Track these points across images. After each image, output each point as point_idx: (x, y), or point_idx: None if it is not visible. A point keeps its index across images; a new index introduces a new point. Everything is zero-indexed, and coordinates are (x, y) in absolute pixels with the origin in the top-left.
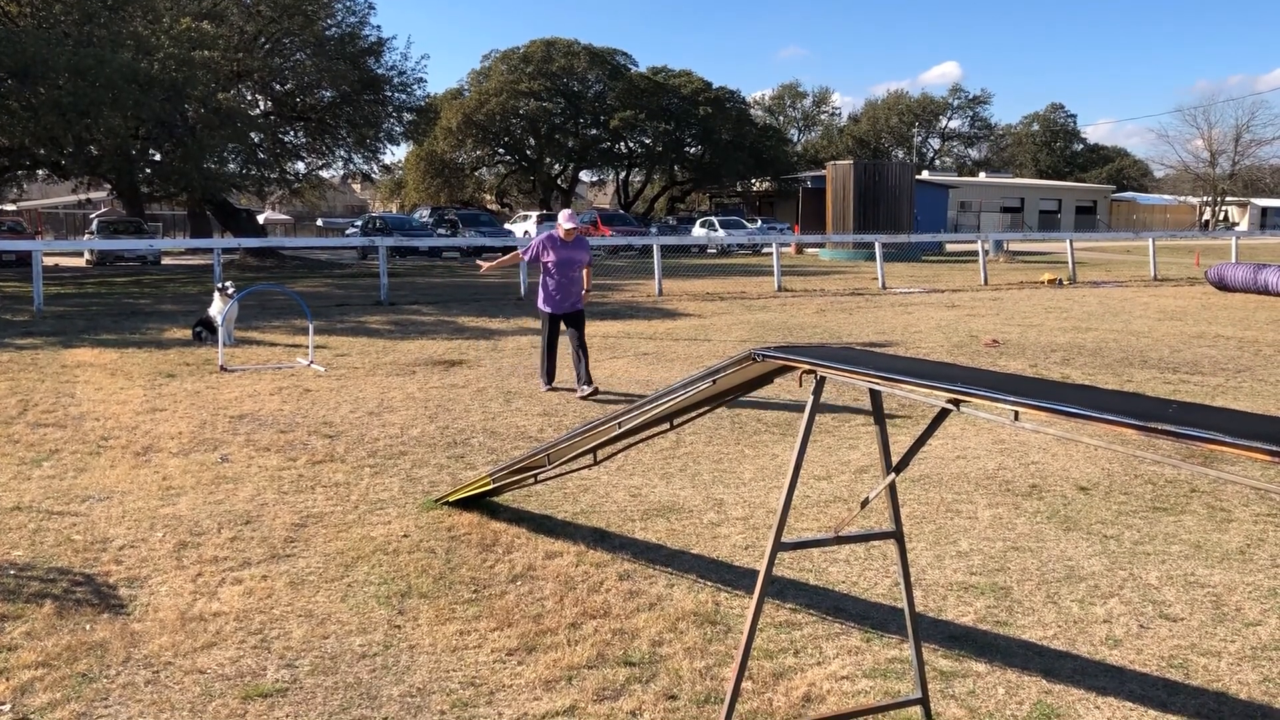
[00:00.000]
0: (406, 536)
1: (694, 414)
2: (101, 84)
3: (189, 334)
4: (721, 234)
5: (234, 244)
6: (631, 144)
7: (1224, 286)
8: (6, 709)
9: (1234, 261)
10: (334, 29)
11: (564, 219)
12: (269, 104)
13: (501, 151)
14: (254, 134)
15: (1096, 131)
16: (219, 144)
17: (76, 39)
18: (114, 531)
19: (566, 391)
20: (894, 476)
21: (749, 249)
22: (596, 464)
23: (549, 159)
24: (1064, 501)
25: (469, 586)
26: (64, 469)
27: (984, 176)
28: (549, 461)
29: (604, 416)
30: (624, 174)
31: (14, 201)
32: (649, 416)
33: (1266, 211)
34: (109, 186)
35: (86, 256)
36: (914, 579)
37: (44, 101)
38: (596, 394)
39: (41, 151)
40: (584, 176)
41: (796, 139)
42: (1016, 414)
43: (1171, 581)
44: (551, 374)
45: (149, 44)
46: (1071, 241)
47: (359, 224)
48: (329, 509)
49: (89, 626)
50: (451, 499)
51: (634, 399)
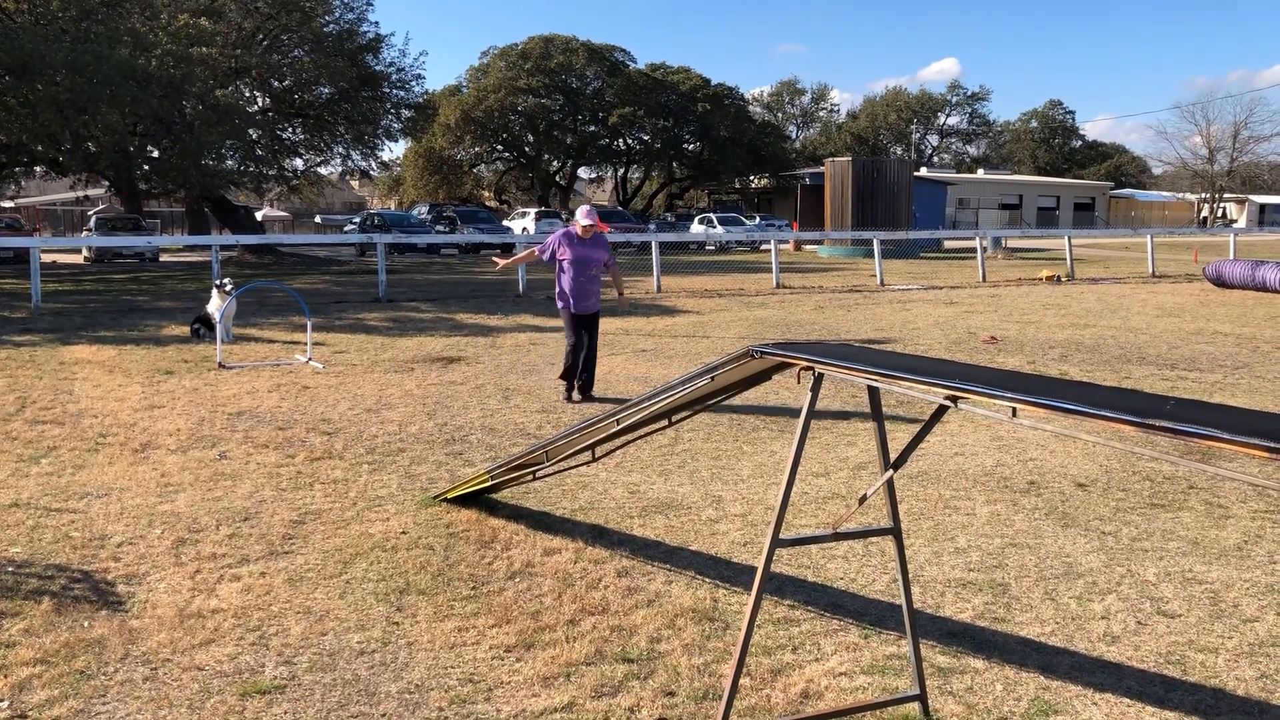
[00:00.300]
0: (405, 533)
1: (692, 411)
2: (99, 80)
3: (187, 331)
4: (720, 231)
5: (232, 241)
6: (630, 141)
7: (1222, 283)
8: (4, 706)
9: (1232, 258)
10: (332, 25)
11: (582, 215)
12: (267, 100)
13: (500, 148)
14: (252, 131)
15: (1095, 128)
16: (217, 141)
17: (74, 35)
18: (112, 528)
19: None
20: (892, 473)
21: (747, 246)
22: (595, 461)
23: (547, 156)
24: (1062, 498)
25: (467, 583)
26: (62, 466)
27: (982, 173)
28: (547, 458)
29: (602, 413)
30: (622, 171)
31: (12, 198)
32: (647, 413)
33: (1265, 208)
34: (107, 183)
35: (84, 253)
36: (912, 575)
37: (42, 98)
38: (583, 401)
39: (39, 148)
40: (582, 173)
41: (795, 136)
42: (1014, 410)
43: (1169, 578)
44: (573, 373)
45: (147, 40)
46: (1070, 238)
47: (357, 221)
48: (327, 506)
49: (87, 623)
50: (450, 496)
51: (629, 398)
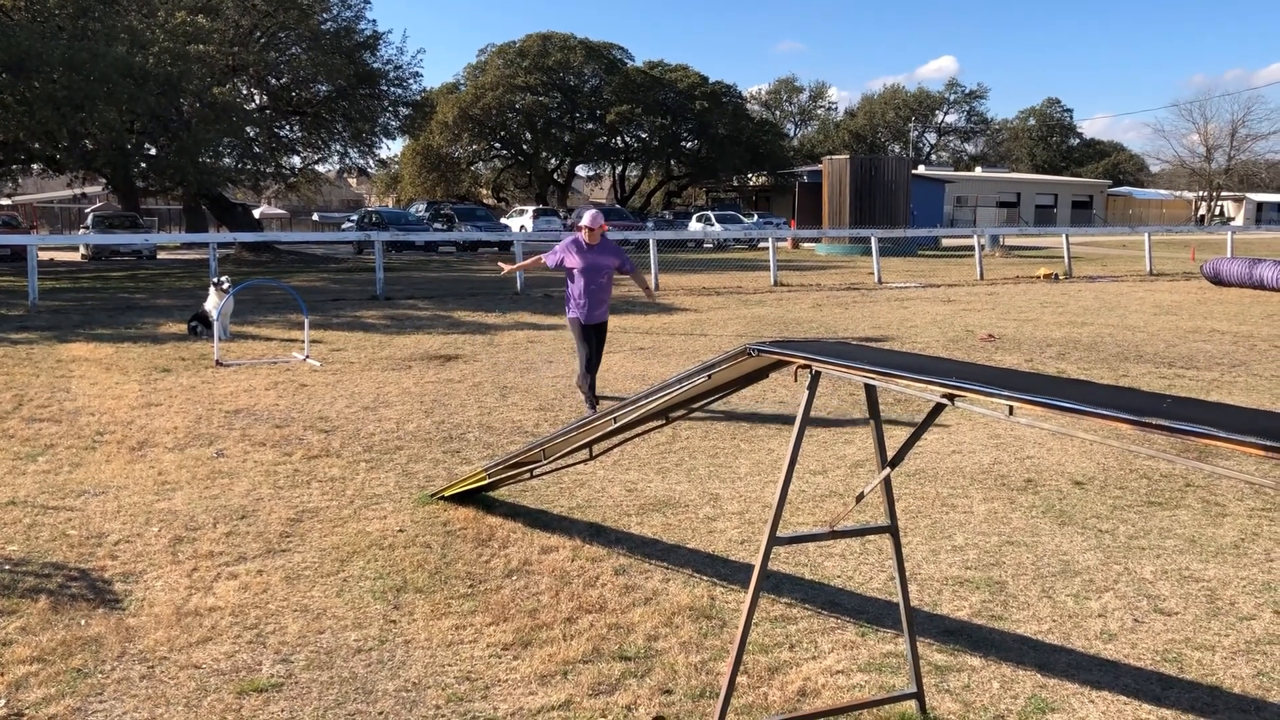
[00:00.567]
0: (402, 531)
1: (689, 409)
2: (96, 78)
3: (184, 329)
4: (718, 229)
5: (229, 239)
6: (628, 138)
7: (1219, 281)
8: (1, 704)
9: (1229, 256)
10: (330, 23)
11: (587, 219)
12: (264, 98)
13: (498, 146)
14: (249, 128)
15: (1093, 126)
16: (214, 138)
17: (71, 33)
18: (109, 526)
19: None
20: (889, 471)
21: (745, 244)
22: (592, 459)
23: (545, 153)
24: (1059, 496)
25: (464, 581)
26: (59, 464)
27: (980, 171)
28: (544, 456)
29: (599, 411)
30: (620, 169)
31: (9, 196)
32: (644, 411)
33: (1262, 206)
34: (104, 181)
35: (82, 251)
36: (909, 573)
37: (39, 96)
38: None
39: (36, 146)
40: (580, 171)
41: (793, 134)
42: (1011, 409)
43: (1166, 576)
44: (593, 390)
45: (144, 38)
46: (1067, 236)
47: (355, 219)
48: (324, 504)
49: (84, 622)
50: (447, 494)
51: (625, 396)
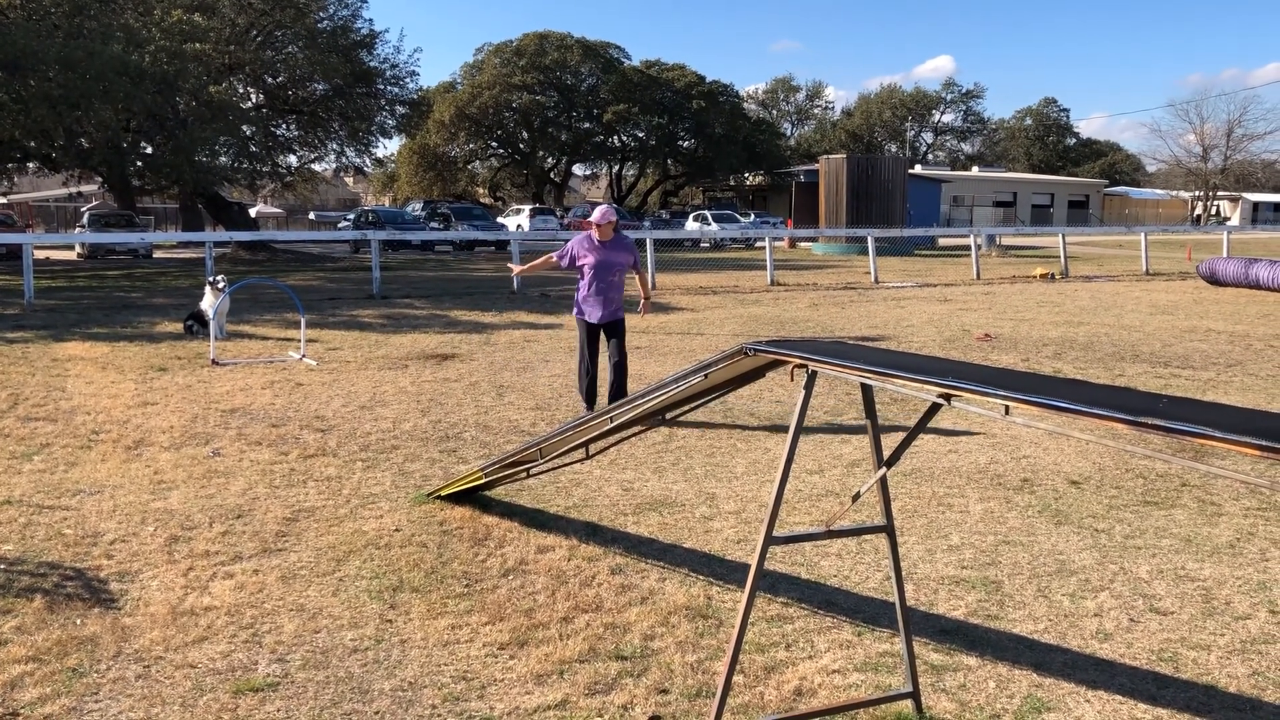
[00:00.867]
0: (398, 531)
1: (686, 408)
2: (92, 76)
3: (180, 328)
4: (714, 228)
5: (226, 237)
6: (625, 138)
7: (1215, 281)
8: None
9: (1225, 256)
10: (326, 22)
11: (598, 215)
12: (261, 97)
13: (494, 145)
14: (246, 127)
15: (1089, 126)
16: (210, 137)
17: (67, 31)
18: (105, 526)
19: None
20: (885, 470)
21: (742, 243)
22: (589, 458)
23: (542, 152)
24: (1055, 495)
25: (461, 581)
26: (55, 463)
27: (977, 171)
28: (541, 456)
29: (596, 410)
30: (617, 168)
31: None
32: (641, 411)
33: (1258, 206)
34: (100, 179)
35: (77, 250)
36: (905, 573)
37: (34, 94)
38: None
39: (32, 144)
40: (577, 170)
41: (790, 133)
42: (1008, 408)
43: (1162, 575)
44: (592, 395)
45: (140, 36)
46: (1064, 236)
47: (351, 218)
48: (321, 503)
49: (79, 621)
50: (443, 493)
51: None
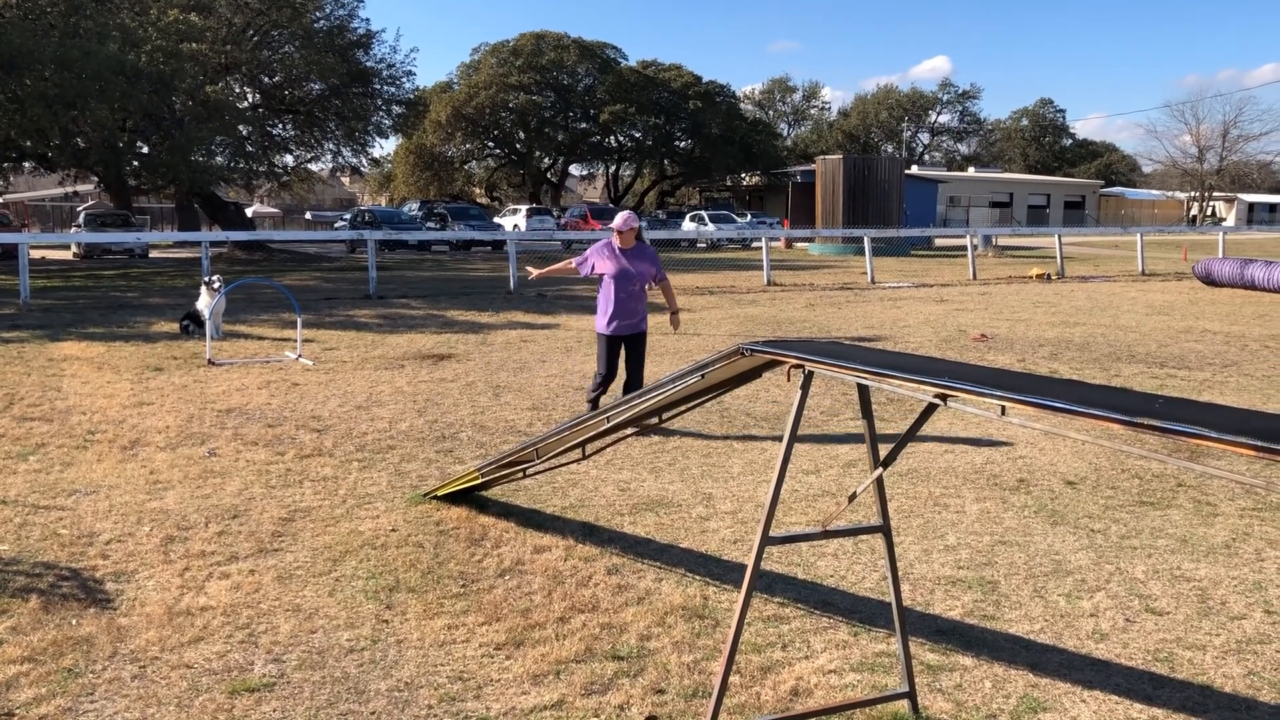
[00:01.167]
0: (394, 531)
1: (683, 408)
2: (88, 76)
3: (176, 328)
4: (711, 228)
5: (222, 237)
6: (621, 138)
7: (1211, 281)
8: None
9: (1221, 256)
10: (323, 21)
11: (619, 222)
12: (257, 97)
13: (491, 145)
14: (242, 127)
15: (1085, 127)
16: (207, 136)
17: (63, 30)
18: (100, 526)
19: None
20: (881, 471)
21: (738, 243)
22: (585, 458)
23: (538, 152)
24: (1051, 496)
25: (457, 581)
26: (50, 463)
27: (973, 171)
28: (537, 456)
29: (592, 410)
30: (614, 168)
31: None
32: (637, 411)
33: (1253, 207)
34: (96, 179)
35: (73, 249)
36: (902, 573)
37: (30, 93)
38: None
39: (28, 144)
40: (574, 170)
41: (786, 133)
42: (1004, 409)
43: (1158, 575)
44: (596, 403)
45: (136, 36)
46: (1060, 236)
47: (347, 217)
48: (317, 503)
49: (75, 621)
50: (440, 493)
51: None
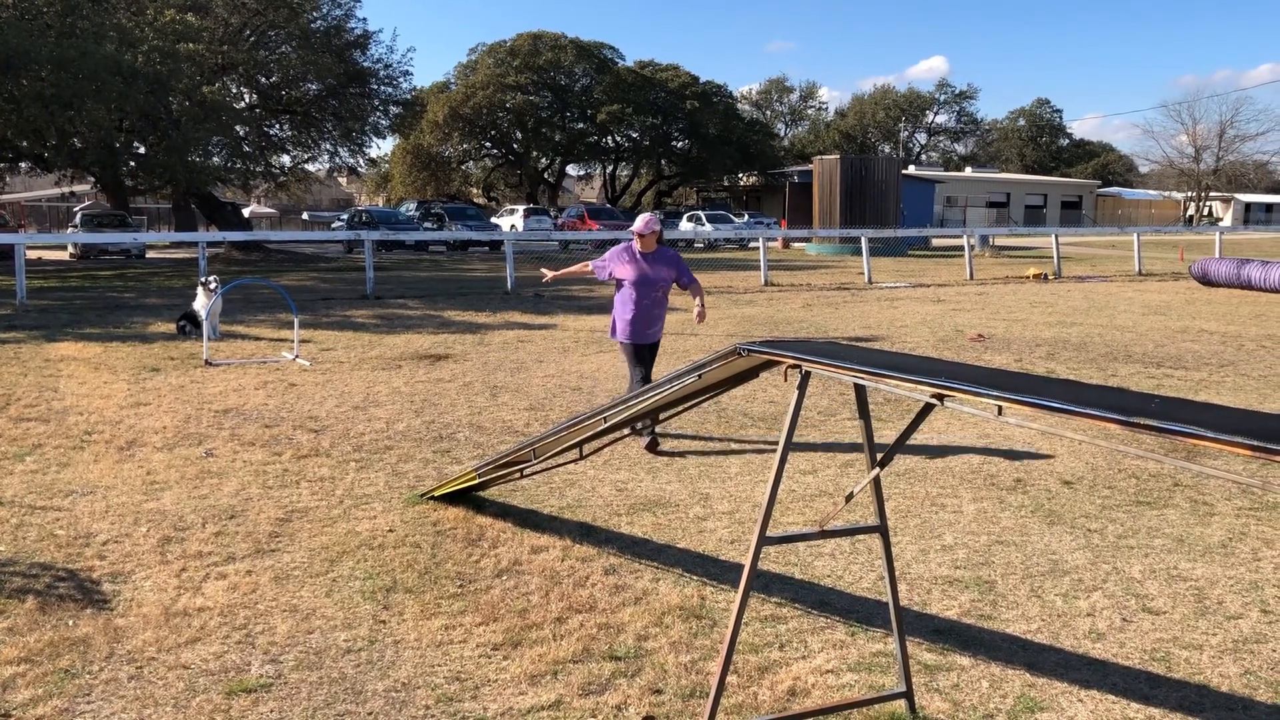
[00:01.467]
0: (392, 531)
1: (680, 409)
2: (85, 76)
3: (173, 328)
4: (708, 228)
5: (219, 238)
6: (618, 138)
7: (1208, 281)
8: None
9: (1218, 256)
10: (319, 22)
11: (640, 225)
12: (254, 97)
13: (488, 145)
14: (239, 127)
15: (1082, 127)
16: (203, 137)
17: (59, 30)
18: (97, 526)
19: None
20: (879, 471)
21: (735, 243)
22: (582, 459)
23: (536, 153)
24: (1048, 495)
25: (454, 581)
26: (47, 463)
27: (970, 171)
28: (534, 456)
29: (590, 411)
30: (611, 168)
31: None
32: (635, 411)
33: (1250, 207)
34: (93, 179)
35: (70, 250)
36: (899, 573)
37: (27, 93)
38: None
39: (24, 144)
40: (571, 170)
41: (784, 133)
42: (1000, 409)
43: (1154, 575)
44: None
45: (133, 36)
46: (1057, 236)
47: (345, 217)
48: (314, 504)
49: (72, 622)
50: (437, 494)
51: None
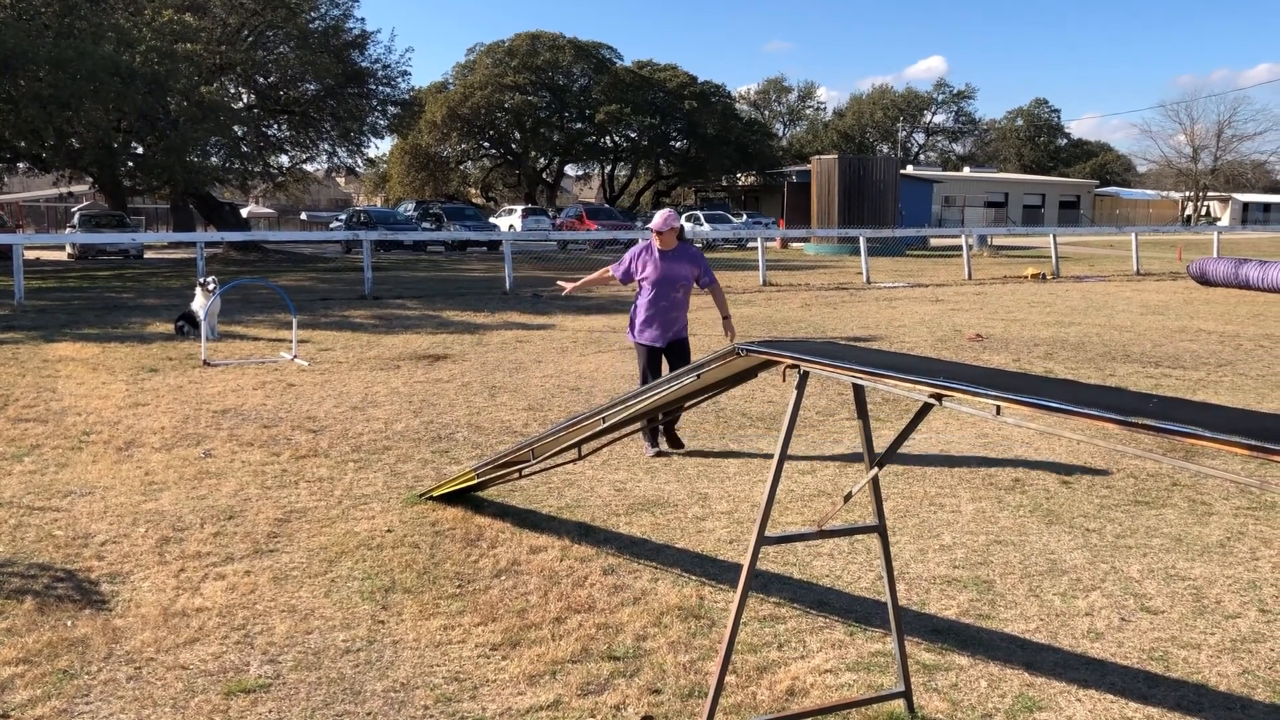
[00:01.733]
0: (390, 531)
1: (679, 409)
2: (83, 76)
3: (171, 328)
4: (707, 228)
5: (217, 238)
6: (617, 138)
7: (1205, 281)
8: None
9: (1215, 256)
10: (317, 22)
11: (658, 222)
12: (252, 97)
13: (486, 145)
14: (237, 127)
15: (1080, 126)
16: (202, 137)
17: (57, 31)
18: (96, 527)
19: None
20: (877, 470)
21: (734, 243)
22: (581, 459)
23: (534, 153)
24: (1046, 495)
25: (453, 581)
26: (45, 464)
27: (968, 171)
28: (533, 456)
29: (588, 411)
30: (609, 168)
31: None
32: (633, 411)
33: (1248, 206)
34: (91, 180)
35: (68, 250)
36: (897, 573)
37: (24, 94)
38: (677, 451)
39: (22, 144)
40: (569, 170)
41: (782, 133)
42: (999, 408)
43: (1152, 574)
44: (655, 431)
45: (130, 36)
46: (1055, 236)
47: (343, 218)
48: (312, 504)
49: (70, 623)
50: (436, 494)
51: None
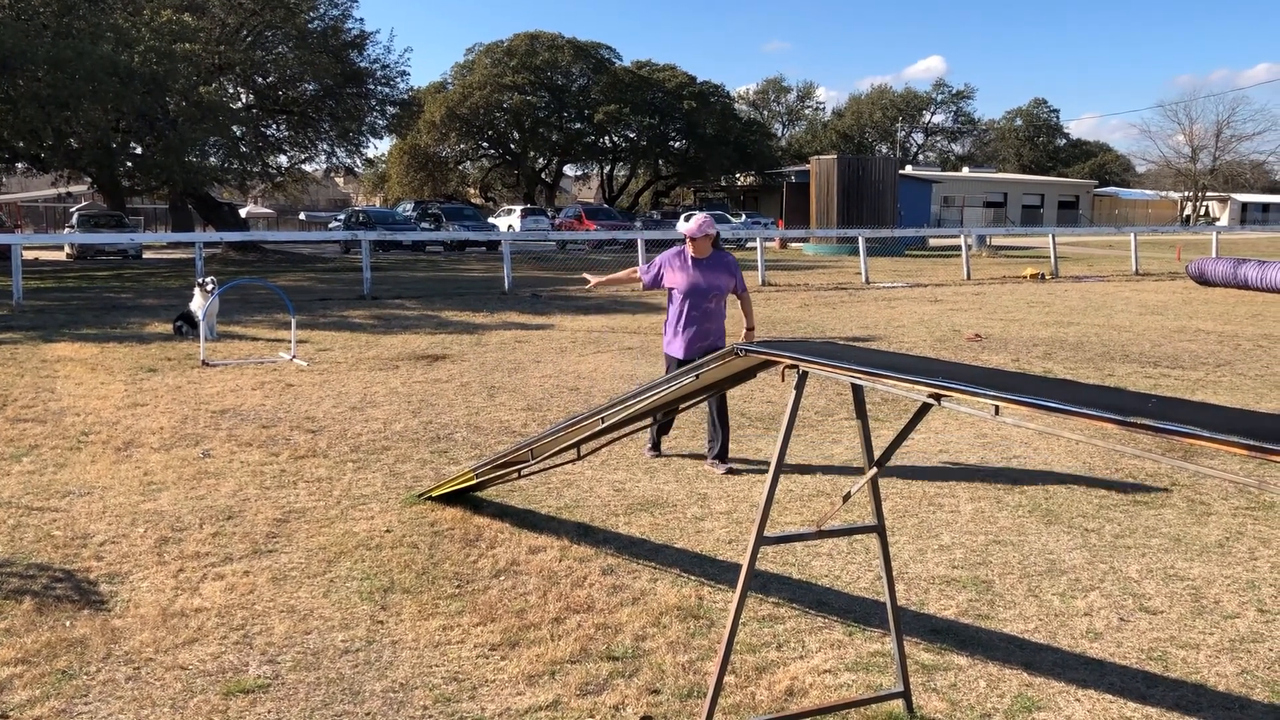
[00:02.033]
0: (389, 532)
1: (678, 409)
2: (81, 76)
3: (170, 329)
4: None
5: (216, 238)
6: (616, 138)
7: (1204, 281)
8: None
9: (1214, 256)
10: (316, 22)
11: (693, 227)
12: (251, 97)
13: (485, 145)
14: (236, 127)
15: (1079, 127)
16: (200, 137)
17: (56, 31)
18: (94, 527)
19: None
20: (876, 471)
21: (733, 244)
22: (580, 459)
23: (533, 153)
24: (1045, 495)
25: (452, 581)
26: (44, 464)
27: (967, 171)
28: (532, 456)
29: (587, 411)
30: (608, 168)
31: None
32: (632, 411)
33: (1247, 207)
34: (89, 180)
35: (67, 250)
36: (896, 573)
37: (23, 94)
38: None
39: (21, 144)
40: (568, 170)
41: (781, 133)
42: (998, 408)
43: (1151, 574)
44: (659, 433)
45: (129, 36)
46: (1054, 236)
47: (342, 218)
48: (311, 504)
49: (69, 623)
50: (434, 494)
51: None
